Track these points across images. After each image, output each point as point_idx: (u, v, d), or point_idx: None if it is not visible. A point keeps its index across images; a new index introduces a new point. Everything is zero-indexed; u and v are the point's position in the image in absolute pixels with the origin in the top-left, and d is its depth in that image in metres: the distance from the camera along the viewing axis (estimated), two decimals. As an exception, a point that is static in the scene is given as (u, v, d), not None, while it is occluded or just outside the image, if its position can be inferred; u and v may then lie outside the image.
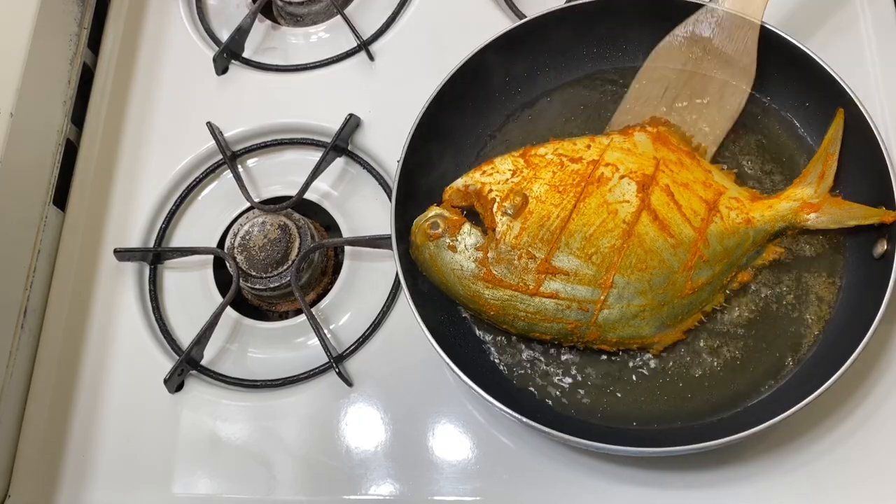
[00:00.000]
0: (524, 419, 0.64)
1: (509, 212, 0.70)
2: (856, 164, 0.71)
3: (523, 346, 0.73)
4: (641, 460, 0.71)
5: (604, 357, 0.72)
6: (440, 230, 0.71)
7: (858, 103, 0.69)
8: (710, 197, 0.71)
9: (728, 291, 0.72)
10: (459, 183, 0.73)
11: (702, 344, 0.71)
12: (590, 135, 0.74)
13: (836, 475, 0.69)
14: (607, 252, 0.68)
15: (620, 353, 0.72)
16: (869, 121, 0.68)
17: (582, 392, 0.71)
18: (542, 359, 0.72)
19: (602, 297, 0.68)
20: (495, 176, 0.72)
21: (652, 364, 0.71)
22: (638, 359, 0.72)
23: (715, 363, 0.71)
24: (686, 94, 0.77)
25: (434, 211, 0.72)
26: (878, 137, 0.68)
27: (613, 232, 0.69)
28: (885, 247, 0.66)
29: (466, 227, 0.71)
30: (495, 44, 0.76)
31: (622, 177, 0.70)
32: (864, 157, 0.69)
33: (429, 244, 0.71)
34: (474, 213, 0.73)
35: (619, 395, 0.71)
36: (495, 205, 0.71)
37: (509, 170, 0.72)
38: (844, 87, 0.70)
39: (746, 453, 0.70)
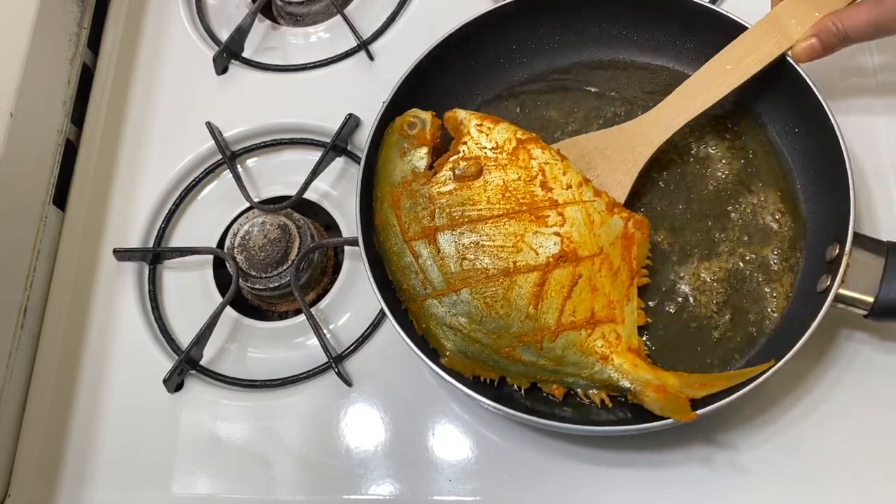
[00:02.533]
0: (506, 409, 0.65)
1: (457, 171, 0.71)
2: (828, 196, 0.71)
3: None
4: (635, 441, 0.71)
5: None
6: (412, 133, 0.73)
7: (843, 145, 0.68)
8: (601, 315, 0.68)
9: (536, 382, 0.69)
10: (461, 115, 0.74)
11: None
12: (585, 179, 0.72)
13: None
14: (478, 269, 0.69)
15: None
16: (847, 167, 0.68)
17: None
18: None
19: (441, 291, 0.69)
20: (482, 137, 0.73)
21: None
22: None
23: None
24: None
25: (426, 116, 0.74)
26: (851, 189, 0.67)
27: (500, 262, 0.69)
28: (828, 283, 0.66)
29: (424, 150, 0.73)
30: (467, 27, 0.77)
31: (556, 234, 0.69)
32: (837, 193, 0.69)
33: (396, 132, 0.74)
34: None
35: None
36: (455, 156, 0.72)
37: (497, 142, 0.72)
38: (833, 122, 0.69)
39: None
